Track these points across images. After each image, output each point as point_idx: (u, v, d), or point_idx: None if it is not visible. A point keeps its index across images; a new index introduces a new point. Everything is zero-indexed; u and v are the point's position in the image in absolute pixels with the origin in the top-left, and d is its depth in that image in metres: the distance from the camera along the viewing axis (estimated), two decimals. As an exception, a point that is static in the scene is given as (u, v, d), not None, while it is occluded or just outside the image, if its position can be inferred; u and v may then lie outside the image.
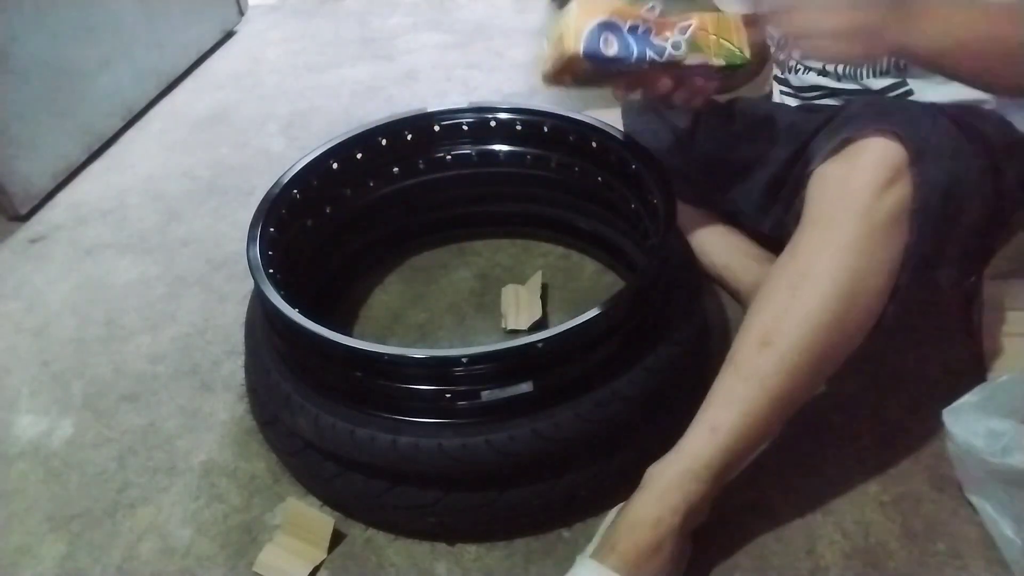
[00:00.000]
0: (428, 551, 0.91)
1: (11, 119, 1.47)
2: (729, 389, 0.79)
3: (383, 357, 0.83)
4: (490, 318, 1.22)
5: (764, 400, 0.77)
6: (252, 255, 0.95)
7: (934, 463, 0.96)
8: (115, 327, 1.26)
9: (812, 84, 1.05)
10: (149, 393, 1.14)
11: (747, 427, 0.78)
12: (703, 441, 0.78)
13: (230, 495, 0.99)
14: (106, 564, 0.92)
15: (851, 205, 0.75)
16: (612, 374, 0.87)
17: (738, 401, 0.78)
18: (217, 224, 1.48)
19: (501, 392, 0.83)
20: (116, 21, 1.74)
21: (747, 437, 0.78)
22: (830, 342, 0.76)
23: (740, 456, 0.80)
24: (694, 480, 0.78)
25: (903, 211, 0.75)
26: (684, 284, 1.00)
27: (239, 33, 2.27)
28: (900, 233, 0.76)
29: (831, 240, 0.76)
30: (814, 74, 1.04)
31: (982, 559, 0.85)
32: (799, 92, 1.09)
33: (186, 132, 1.80)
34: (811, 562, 0.87)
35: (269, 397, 0.94)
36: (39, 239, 1.48)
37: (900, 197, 0.75)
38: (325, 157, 1.13)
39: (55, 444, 1.07)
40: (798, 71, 1.06)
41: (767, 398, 0.77)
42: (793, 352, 0.76)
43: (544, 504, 0.88)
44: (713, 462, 0.77)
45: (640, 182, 1.06)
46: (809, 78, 1.05)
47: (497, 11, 2.33)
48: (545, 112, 1.18)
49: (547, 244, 1.35)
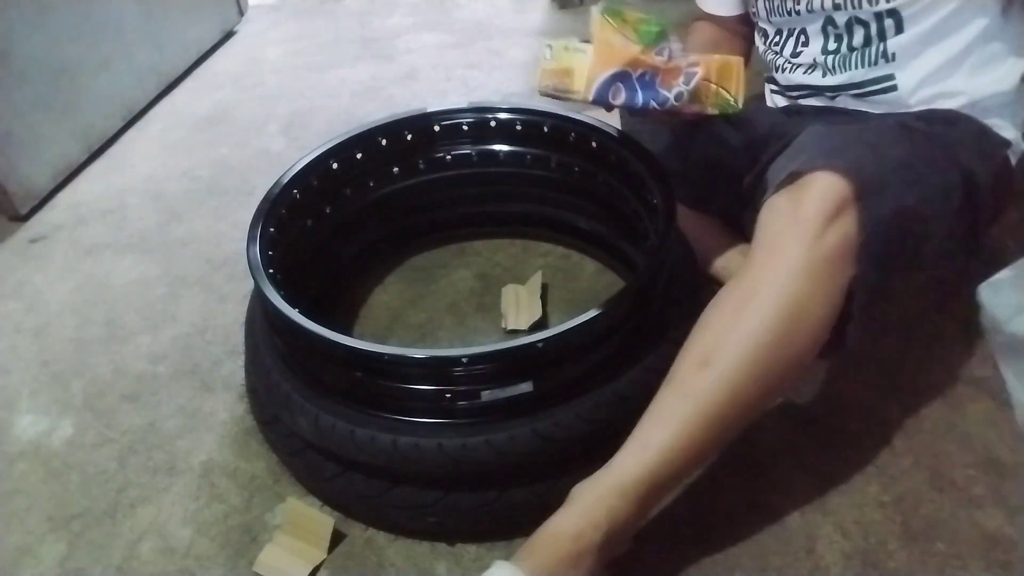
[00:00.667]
0: (428, 551, 0.91)
1: (11, 119, 1.47)
2: (665, 407, 0.77)
3: (383, 357, 0.83)
4: (490, 318, 1.22)
5: (700, 419, 0.75)
6: (252, 255, 0.95)
7: (934, 463, 0.95)
8: (115, 327, 1.26)
9: (798, 83, 1.06)
10: (149, 393, 1.14)
11: (680, 446, 0.75)
12: (633, 458, 0.76)
13: (230, 495, 0.99)
14: (106, 564, 0.92)
15: (797, 234, 0.75)
16: (612, 374, 0.87)
17: (673, 419, 0.76)
18: (217, 224, 1.48)
19: (501, 392, 0.83)
20: (116, 21, 1.74)
21: (679, 457, 0.76)
22: (770, 364, 0.76)
23: (670, 477, 0.77)
24: (620, 496, 0.75)
25: (849, 245, 0.76)
26: (684, 284, 1.00)
27: (239, 33, 2.27)
28: (846, 265, 0.76)
29: (777, 265, 0.76)
30: (801, 72, 1.05)
31: (982, 559, 0.85)
32: (786, 91, 1.10)
33: (186, 132, 1.80)
34: (811, 562, 0.87)
35: (269, 397, 0.94)
36: (39, 239, 1.48)
37: (846, 231, 0.76)
38: (325, 157, 1.13)
39: (55, 444, 1.07)
40: (785, 69, 1.07)
41: (703, 417, 0.75)
42: (732, 372, 0.75)
43: (544, 504, 0.88)
44: (641, 479, 0.75)
45: (640, 182, 1.06)
46: (795, 76, 1.06)
47: (497, 11, 2.33)
48: (545, 112, 1.18)
49: (547, 244, 1.35)
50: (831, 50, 1.01)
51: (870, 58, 0.97)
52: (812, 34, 1.02)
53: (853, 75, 1.00)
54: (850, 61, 0.99)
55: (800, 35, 1.04)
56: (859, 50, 0.98)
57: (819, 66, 1.03)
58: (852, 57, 0.99)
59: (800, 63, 1.05)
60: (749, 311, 0.75)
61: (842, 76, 1.01)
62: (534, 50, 2.09)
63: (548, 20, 2.27)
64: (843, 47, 0.99)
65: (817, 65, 1.03)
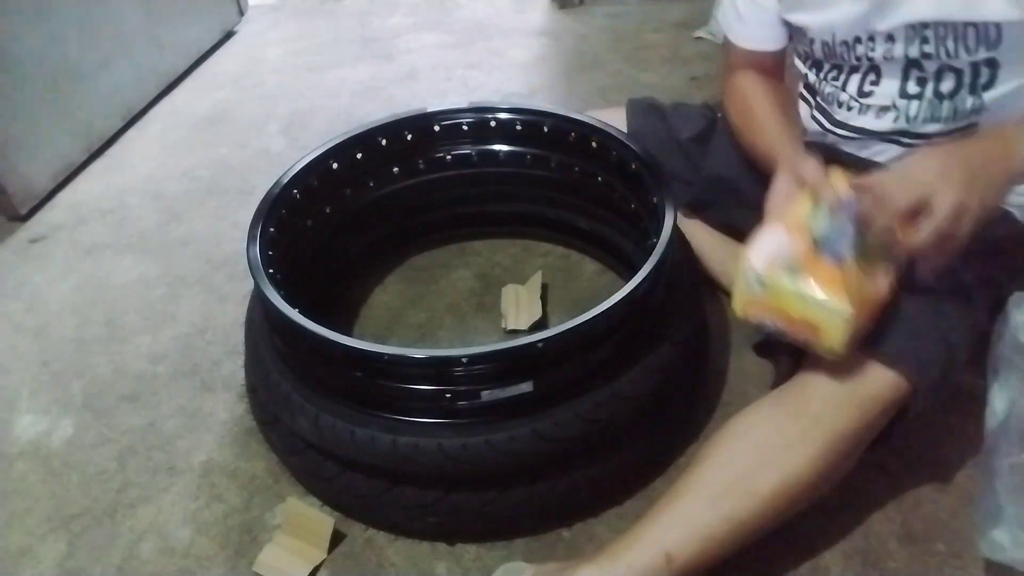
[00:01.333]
0: (428, 551, 0.91)
1: (11, 119, 1.47)
2: (693, 514, 0.78)
3: (383, 357, 0.83)
4: (490, 318, 1.22)
5: (728, 534, 0.77)
6: (252, 255, 0.95)
7: (934, 463, 0.96)
8: (115, 327, 1.26)
9: (860, 127, 0.95)
10: (149, 393, 1.14)
11: (705, 555, 0.77)
12: (659, 568, 0.76)
13: (230, 495, 0.99)
14: (106, 564, 0.92)
15: (853, 415, 0.78)
16: (612, 374, 0.87)
17: (701, 528, 0.77)
18: (217, 224, 1.48)
19: (501, 392, 0.83)
20: (116, 21, 1.74)
21: (703, 563, 0.77)
22: (807, 493, 0.79)
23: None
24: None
25: (893, 412, 0.81)
26: (684, 284, 1.00)
27: (239, 33, 2.27)
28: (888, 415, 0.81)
29: (826, 428, 0.78)
30: (872, 116, 0.93)
31: (982, 559, 0.85)
32: (836, 126, 0.98)
33: (186, 132, 1.80)
34: (811, 562, 0.87)
35: (269, 397, 0.94)
36: (39, 239, 1.48)
37: (893, 406, 0.80)
38: (325, 157, 1.13)
39: (55, 444, 1.07)
40: (846, 106, 0.95)
41: (733, 533, 0.77)
42: (774, 499, 0.77)
43: (544, 504, 0.88)
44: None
45: (640, 182, 1.06)
46: (861, 119, 0.95)
47: (497, 11, 2.33)
48: (545, 112, 1.18)
49: (547, 244, 1.35)
50: (912, 94, 0.89)
51: (963, 109, 0.87)
52: (887, 73, 0.90)
53: (943, 126, 0.89)
54: (940, 110, 0.88)
55: (869, 72, 0.92)
56: (947, 98, 0.87)
57: (898, 111, 0.90)
58: (943, 107, 0.88)
59: (870, 104, 0.92)
60: (796, 449, 0.78)
61: (929, 127, 0.90)
62: (534, 50, 2.09)
63: (548, 20, 2.27)
64: (928, 91, 0.88)
65: (895, 109, 0.91)
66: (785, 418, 0.80)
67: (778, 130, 0.95)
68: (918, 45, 0.85)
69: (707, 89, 1.82)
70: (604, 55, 2.03)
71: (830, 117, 0.98)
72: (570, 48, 2.11)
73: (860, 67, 0.92)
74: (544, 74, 1.97)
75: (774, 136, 0.94)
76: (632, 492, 0.95)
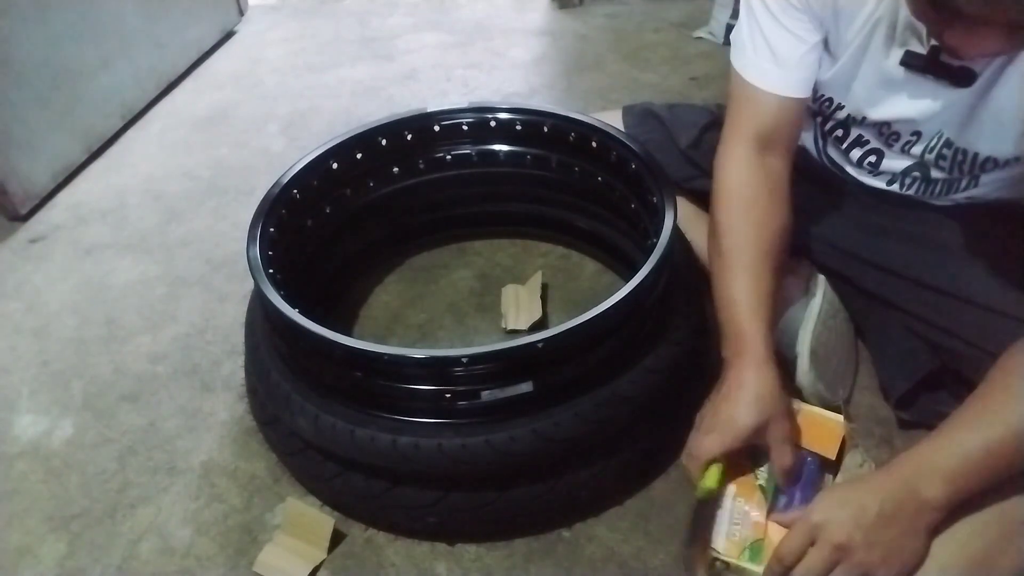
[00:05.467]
0: (428, 551, 0.91)
1: (11, 119, 1.47)
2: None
3: (383, 357, 0.83)
4: (490, 318, 1.22)
5: None
6: (252, 255, 0.95)
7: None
8: (115, 327, 1.26)
9: (872, 187, 0.98)
10: (149, 393, 1.14)
11: None
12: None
13: (230, 495, 0.99)
14: (106, 564, 0.92)
15: None
16: (612, 374, 0.87)
17: None
18: (217, 224, 1.48)
19: (501, 392, 0.83)
20: (116, 21, 1.74)
21: None
22: None
23: None
24: None
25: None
26: (684, 284, 1.00)
27: (239, 33, 2.27)
28: None
29: None
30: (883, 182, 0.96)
31: None
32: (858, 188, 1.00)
33: (186, 132, 1.80)
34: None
35: (269, 397, 0.94)
36: (39, 239, 1.48)
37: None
38: (325, 157, 1.13)
39: (55, 444, 1.07)
40: (870, 170, 0.97)
41: None
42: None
43: (544, 504, 0.88)
44: None
45: (640, 182, 1.06)
46: (871, 181, 0.97)
47: (497, 11, 2.33)
48: (545, 112, 1.18)
49: (547, 244, 1.35)
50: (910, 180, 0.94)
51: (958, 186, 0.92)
52: (891, 156, 0.94)
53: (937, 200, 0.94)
54: (935, 190, 0.94)
55: (871, 153, 0.96)
56: (942, 181, 0.92)
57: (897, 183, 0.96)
58: (936, 187, 0.93)
59: (882, 171, 0.96)
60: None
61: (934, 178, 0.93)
62: (534, 50, 2.09)
63: (548, 20, 2.27)
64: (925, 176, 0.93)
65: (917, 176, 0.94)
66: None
67: (748, 311, 0.83)
68: (937, 152, 0.88)
69: (707, 89, 1.82)
70: (604, 55, 2.04)
71: (842, 169, 1.01)
72: (570, 48, 2.11)
73: (868, 144, 0.95)
74: (544, 74, 1.97)
75: (742, 316, 0.83)
76: (632, 492, 0.95)
